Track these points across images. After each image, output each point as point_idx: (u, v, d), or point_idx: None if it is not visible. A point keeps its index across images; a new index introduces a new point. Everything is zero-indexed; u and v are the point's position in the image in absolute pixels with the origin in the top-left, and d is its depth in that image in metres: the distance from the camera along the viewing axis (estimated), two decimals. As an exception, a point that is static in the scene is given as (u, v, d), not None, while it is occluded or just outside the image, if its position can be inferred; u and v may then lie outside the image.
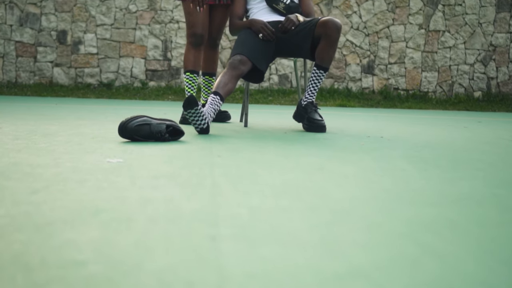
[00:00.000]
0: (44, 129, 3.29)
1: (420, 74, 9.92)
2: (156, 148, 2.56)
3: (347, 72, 9.82)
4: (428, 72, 9.91)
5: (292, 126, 4.03)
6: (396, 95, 9.75)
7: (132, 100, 8.28)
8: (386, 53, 9.81)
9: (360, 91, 9.81)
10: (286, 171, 2.02)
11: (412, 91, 9.88)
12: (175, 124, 2.91)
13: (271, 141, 2.99)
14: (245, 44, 3.61)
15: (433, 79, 9.95)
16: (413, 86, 9.93)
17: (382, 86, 9.88)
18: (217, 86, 3.40)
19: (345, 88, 9.76)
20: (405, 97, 9.66)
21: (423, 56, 9.84)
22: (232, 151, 2.55)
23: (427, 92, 9.92)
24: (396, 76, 9.91)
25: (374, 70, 9.86)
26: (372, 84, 9.85)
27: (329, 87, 9.69)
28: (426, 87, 9.94)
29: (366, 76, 9.85)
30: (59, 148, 2.47)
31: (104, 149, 2.48)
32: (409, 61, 9.86)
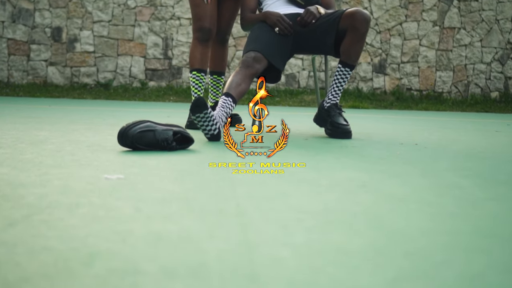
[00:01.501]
0: (32, 135, 2.96)
1: (434, 73, 9.65)
2: (162, 160, 2.22)
3: (358, 72, 9.56)
4: (443, 71, 9.63)
5: (311, 131, 3.69)
6: (409, 95, 9.47)
7: (131, 101, 8.00)
8: (399, 51, 9.53)
9: (371, 91, 9.53)
10: (322, 190, 1.68)
11: (426, 91, 9.60)
12: (183, 131, 2.57)
13: (293, 150, 2.65)
14: (260, 39, 3.28)
15: (448, 79, 9.67)
16: (427, 86, 9.66)
17: (394, 86, 9.61)
18: (228, 87, 3.07)
19: (356, 89, 9.51)
20: (419, 98, 9.37)
21: (438, 55, 9.55)
22: (247, 159, 2.22)
23: (442, 92, 9.64)
24: (409, 76, 9.64)
25: (386, 69, 9.59)
26: (383, 84, 9.58)
27: (339, 87, 9.36)
28: (440, 88, 9.67)
29: (377, 76, 9.58)
30: (47, 159, 2.13)
31: (101, 160, 2.15)
32: (422, 60, 9.58)
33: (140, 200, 1.48)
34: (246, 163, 2.18)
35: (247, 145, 2.51)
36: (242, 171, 2.00)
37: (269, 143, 2.82)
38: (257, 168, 2.06)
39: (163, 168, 2.03)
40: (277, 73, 3.34)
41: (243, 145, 2.54)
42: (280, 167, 2.09)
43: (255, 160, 2.25)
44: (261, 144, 2.54)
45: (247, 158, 2.34)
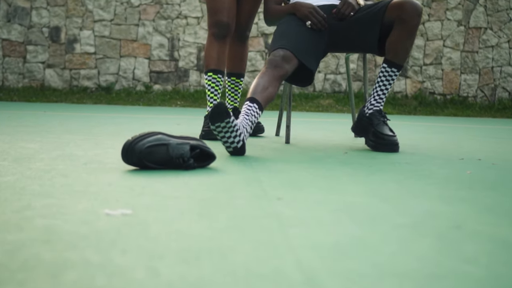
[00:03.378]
0: (19, 148, 2.52)
1: (459, 76, 9.31)
2: (179, 184, 1.78)
3: (377, 74, 9.14)
4: (468, 74, 9.30)
5: (346, 142, 3.25)
6: (432, 100, 9.10)
7: (134, 106, 7.64)
8: (421, 52, 9.21)
9: (391, 95, 9.18)
10: (402, 233, 1.24)
11: (450, 95, 9.23)
12: (203, 145, 2.13)
13: (338, 168, 2.21)
14: (289, 35, 2.85)
15: (474, 82, 9.32)
16: (451, 90, 9.30)
17: (416, 90, 9.25)
18: (253, 91, 2.63)
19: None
20: (443, 103, 8.98)
21: (463, 57, 9.21)
22: (291, 186, 1.78)
23: (467, 97, 9.27)
24: (432, 79, 9.31)
25: (408, 72, 9.27)
26: (405, 87, 9.25)
27: (357, 91, 9.04)
28: (465, 91, 9.31)
29: (398, 79, 9.25)
30: (32, 184, 1.70)
31: (100, 185, 1.71)
32: (446, 62, 9.24)
33: (156, 255, 1.04)
34: (287, 188, 1.73)
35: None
36: (286, 201, 1.55)
37: (301, 157, 2.37)
38: (305, 196, 1.62)
39: (182, 196, 1.59)
40: (309, 75, 2.91)
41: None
42: (334, 195, 1.64)
43: (299, 185, 1.80)
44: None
45: (288, 179, 1.89)
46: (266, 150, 2.76)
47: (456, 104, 8.95)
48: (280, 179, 1.91)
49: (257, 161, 2.34)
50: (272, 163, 2.30)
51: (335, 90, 9.17)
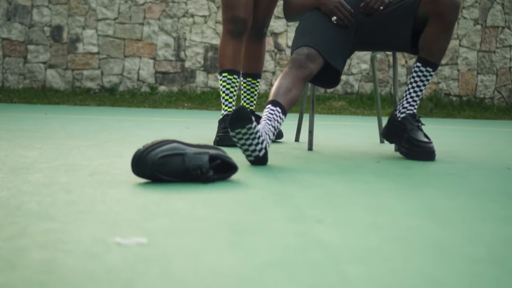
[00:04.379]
0: (17, 156, 2.31)
1: (476, 77, 9.11)
2: (199, 201, 1.56)
3: (391, 75, 9.02)
4: (485, 75, 9.10)
5: (373, 149, 3.03)
6: (447, 101, 8.90)
7: (139, 108, 7.46)
8: None
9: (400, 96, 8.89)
10: (484, 271, 1.01)
11: (466, 97, 9.03)
12: (223, 154, 1.90)
13: (375, 180, 1.99)
14: (313, 32, 2.63)
15: (491, 83, 9.12)
16: (467, 92, 9.10)
17: (431, 92, 9.05)
18: (276, 93, 2.41)
19: (388, 94, 8.96)
20: (459, 104, 8.77)
21: (479, 57, 9.03)
22: (329, 204, 1.56)
23: (484, 98, 9.06)
24: (447, 80, 9.11)
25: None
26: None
27: (369, 92, 8.85)
28: (482, 93, 9.10)
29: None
30: (30, 201, 1.48)
31: (108, 203, 1.49)
32: (462, 62, 9.04)
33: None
34: (324, 206, 1.50)
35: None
36: (329, 224, 1.33)
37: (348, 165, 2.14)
38: (349, 218, 1.39)
39: (205, 217, 1.36)
40: (335, 76, 2.68)
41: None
42: (382, 216, 1.42)
43: (337, 202, 1.57)
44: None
45: (322, 193, 1.66)
46: (288, 158, 2.53)
47: (473, 106, 8.74)
48: (313, 195, 1.69)
49: (281, 172, 2.12)
50: (299, 174, 2.07)
51: (347, 91, 8.97)
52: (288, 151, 2.80)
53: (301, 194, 1.69)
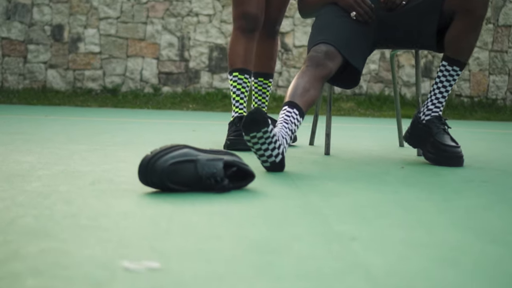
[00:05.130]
0: (13, 162, 2.16)
1: (487, 78, 8.97)
2: (216, 214, 1.41)
3: (400, 76, 8.95)
4: (497, 75, 8.98)
5: (394, 153, 2.88)
6: (458, 102, 8.77)
7: (143, 109, 7.36)
8: None
9: (415, 98, 8.80)
10: None
11: (478, 98, 8.89)
12: (239, 161, 1.75)
13: (404, 189, 1.84)
14: (331, 28, 2.48)
15: (503, 84, 8.99)
16: (479, 92, 8.97)
17: None
18: (292, 94, 2.27)
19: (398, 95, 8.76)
20: (470, 106, 8.63)
21: (491, 57, 8.92)
22: (359, 217, 1.42)
23: (496, 99, 8.93)
24: (458, 80, 8.96)
25: (432, 73, 8.97)
26: (429, 89, 8.87)
27: (379, 93, 8.73)
28: (494, 94, 8.97)
29: (422, 80, 8.90)
30: (26, 215, 1.34)
31: (114, 216, 1.34)
32: (474, 63, 8.92)
33: None
34: (355, 219, 1.35)
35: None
36: (364, 241, 1.18)
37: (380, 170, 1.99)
38: (385, 234, 1.24)
39: (224, 235, 1.21)
40: (354, 75, 2.53)
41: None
42: (421, 232, 1.27)
43: (368, 215, 1.42)
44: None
45: (348, 203, 1.51)
46: (305, 164, 2.38)
47: (485, 107, 8.60)
48: (340, 206, 1.54)
49: (301, 180, 1.97)
50: (320, 182, 1.92)
51: (355, 92, 8.83)
52: (304, 156, 2.65)
53: (326, 206, 1.54)
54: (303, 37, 8.71)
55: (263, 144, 2.04)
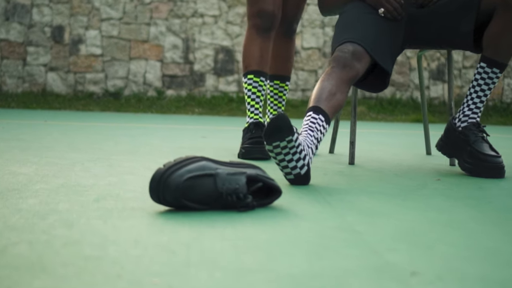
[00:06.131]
0: (9, 174, 1.98)
1: (502, 80, 8.80)
2: (244, 240, 1.22)
3: (412, 79, 8.81)
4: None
5: (424, 162, 2.69)
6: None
7: (146, 113, 7.20)
8: (460, 54, 8.85)
9: (428, 102, 8.64)
10: None
11: (492, 101, 8.71)
12: (263, 175, 1.56)
13: (448, 205, 1.65)
14: (357, 26, 2.30)
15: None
16: (493, 96, 8.81)
17: (454, 96, 8.73)
18: (317, 98, 2.08)
19: (410, 98, 8.68)
20: (484, 109, 8.46)
21: (506, 59, 8.66)
22: (411, 243, 1.24)
23: (511, 103, 8.74)
24: (468, 83, 8.78)
25: (445, 76, 8.77)
26: (442, 93, 8.80)
27: (390, 97, 8.57)
28: (509, 97, 8.82)
29: (435, 84, 8.81)
30: (19, 242, 1.16)
31: (123, 244, 1.16)
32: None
33: None
34: (406, 245, 1.16)
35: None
36: (429, 278, 0.98)
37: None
38: (449, 267, 1.04)
39: (257, 270, 1.02)
40: (383, 77, 2.34)
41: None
42: (496, 268, 1.07)
43: (420, 239, 1.22)
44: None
45: (398, 231, 1.32)
46: (331, 176, 2.19)
47: (499, 111, 8.42)
48: (384, 229, 1.35)
49: (331, 195, 1.77)
50: (354, 198, 1.73)
51: (366, 95, 8.66)
52: (327, 166, 2.46)
53: (368, 228, 1.35)
54: (311, 38, 8.55)
55: (287, 154, 1.85)
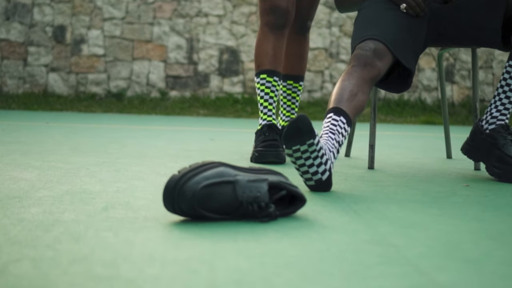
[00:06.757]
0: (10, 180, 1.87)
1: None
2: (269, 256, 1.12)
3: (420, 80, 8.74)
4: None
5: (447, 167, 2.58)
6: (482, 108, 8.50)
7: (150, 115, 7.16)
8: (469, 55, 8.72)
9: (436, 103, 8.60)
10: None
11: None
12: (285, 181, 1.45)
13: (485, 215, 1.55)
14: (379, 22, 2.19)
15: (529, 88, 8.66)
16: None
17: (463, 97, 8.67)
18: (338, 99, 1.98)
19: (418, 100, 8.59)
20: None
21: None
22: (455, 259, 1.14)
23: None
24: (481, 85, 8.77)
25: (454, 76, 8.73)
26: (451, 94, 8.73)
27: (397, 98, 8.47)
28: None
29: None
30: (20, 260, 1.05)
31: (137, 264, 1.05)
32: (498, 66, 8.68)
33: None
34: (455, 265, 1.05)
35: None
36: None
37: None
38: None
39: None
40: (405, 77, 2.23)
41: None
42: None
43: (468, 256, 1.11)
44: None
45: (440, 245, 1.20)
46: (352, 181, 2.07)
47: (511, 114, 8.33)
48: (422, 241, 1.23)
49: (356, 202, 1.66)
50: (382, 206, 1.61)
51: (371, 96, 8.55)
52: (346, 171, 2.35)
53: (405, 242, 1.23)
54: (318, 38, 8.46)
55: (308, 159, 1.74)
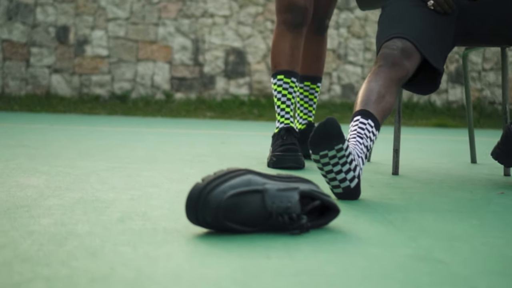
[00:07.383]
0: (15, 187, 1.77)
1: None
2: (306, 274, 1.03)
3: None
4: (534, 80, 8.71)
5: (474, 171, 2.48)
6: (492, 110, 8.46)
7: (155, 117, 7.10)
8: (480, 56, 8.73)
9: (446, 105, 8.54)
10: None
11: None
12: (317, 190, 1.35)
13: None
14: (405, 20, 2.10)
15: (540, 91, 8.71)
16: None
17: (474, 99, 8.64)
18: (365, 100, 1.88)
19: (427, 102, 8.54)
20: (505, 114, 8.25)
21: (528, 60, 8.61)
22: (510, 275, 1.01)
23: None
24: (492, 87, 8.73)
25: (462, 78, 8.59)
26: (461, 96, 8.67)
27: (407, 101, 8.43)
28: (531, 101, 8.62)
29: (453, 87, 8.70)
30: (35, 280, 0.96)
31: (162, 283, 0.96)
32: (509, 67, 8.53)
33: None
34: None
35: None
36: None
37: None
38: None
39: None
40: (433, 77, 2.14)
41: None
42: None
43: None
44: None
45: (491, 262, 1.10)
46: (378, 188, 1.97)
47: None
48: (471, 256, 1.13)
49: (389, 212, 1.56)
50: (418, 216, 1.51)
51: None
52: (369, 177, 2.24)
53: (453, 257, 1.13)
54: (325, 39, 8.40)
55: (336, 165, 1.64)
